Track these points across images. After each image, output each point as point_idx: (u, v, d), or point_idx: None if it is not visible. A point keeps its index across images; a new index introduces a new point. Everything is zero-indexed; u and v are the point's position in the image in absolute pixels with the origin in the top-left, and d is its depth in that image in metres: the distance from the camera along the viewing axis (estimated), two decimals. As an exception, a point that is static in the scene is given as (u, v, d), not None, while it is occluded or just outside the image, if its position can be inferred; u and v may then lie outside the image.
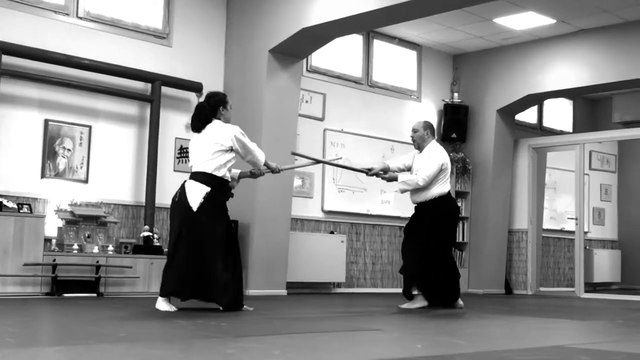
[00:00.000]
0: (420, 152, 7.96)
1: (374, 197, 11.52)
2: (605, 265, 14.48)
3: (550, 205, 14.04)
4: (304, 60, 10.59)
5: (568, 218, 13.12)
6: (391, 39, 11.99)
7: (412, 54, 12.37)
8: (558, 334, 5.67)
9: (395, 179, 7.91)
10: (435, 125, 12.41)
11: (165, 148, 9.64)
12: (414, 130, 8.00)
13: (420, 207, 7.87)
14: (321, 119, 11.05)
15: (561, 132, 14.22)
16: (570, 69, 11.61)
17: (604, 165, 15.09)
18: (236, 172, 6.87)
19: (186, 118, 9.80)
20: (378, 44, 11.87)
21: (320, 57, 11.08)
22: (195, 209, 6.42)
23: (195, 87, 9.83)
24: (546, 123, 14.22)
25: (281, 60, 9.78)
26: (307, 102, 10.85)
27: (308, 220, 10.84)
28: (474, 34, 11.73)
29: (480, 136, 12.38)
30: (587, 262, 12.77)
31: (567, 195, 13.51)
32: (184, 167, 9.74)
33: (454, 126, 12.37)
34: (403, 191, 7.89)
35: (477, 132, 12.45)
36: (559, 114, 14.52)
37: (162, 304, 6.43)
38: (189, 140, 9.71)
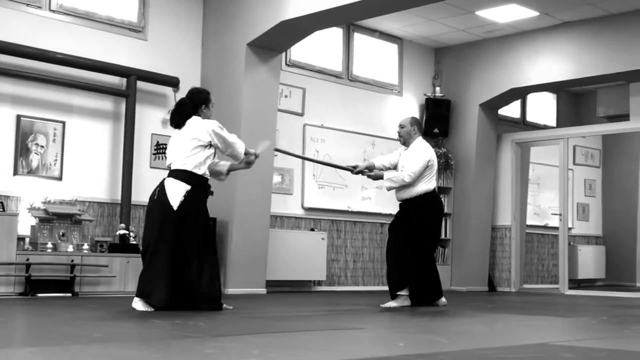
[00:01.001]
0: (407, 148, 7.98)
1: (354, 193, 11.54)
2: (590, 262, 14.56)
3: (533, 200, 14.11)
4: (283, 54, 10.58)
5: (552, 214, 13.19)
6: (372, 32, 12.00)
7: (393, 48, 12.38)
8: (542, 331, 5.70)
9: (380, 177, 7.91)
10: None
11: (141, 144, 9.61)
12: (401, 126, 8.01)
13: (405, 203, 7.87)
14: (301, 114, 11.04)
15: (545, 127, 14.29)
16: (554, 62, 11.66)
17: (588, 160, 15.18)
18: (225, 164, 6.86)
19: (162, 113, 9.81)
20: (358, 38, 11.88)
21: (300, 51, 11.08)
22: (175, 207, 6.40)
23: (172, 82, 9.80)
24: (529, 117, 14.28)
25: (260, 54, 9.77)
26: (286, 96, 10.84)
27: (288, 217, 10.84)
28: (456, 26, 11.76)
29: (463, 131, 12.42)
30: (571, 258, 12.84)
31: (551, 190, 13.58)
32: (161, 163, 9.71)
33: (436, 121, 12.40)
34: (389, 188, 7.89)
35: (460, 126, 12.48)
36: (543, 108, 14.59)
37: (138, 304, 6.41)
38: (166, 136, 9.78)
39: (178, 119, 6.64)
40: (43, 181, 8.92)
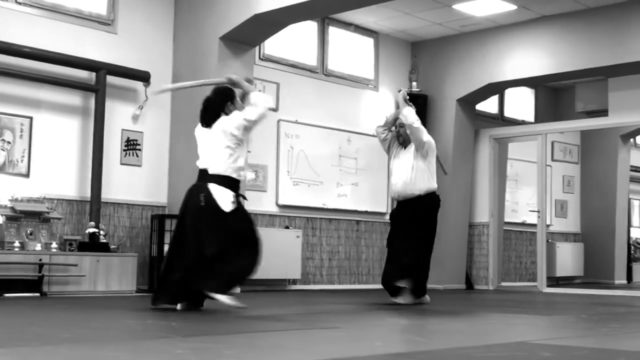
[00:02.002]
0: (405, 148, 8.12)
1: (330, 190, 11.53)
2: (568, 259, 14.66)
3: (511, 197, 14.18)
4: (257, 48, 10.56)
5: (530, 211, 13.26)
6: (347, 25, 12.00)
7: (369, 42, 12.39)
8: (520, 330, 5.73)
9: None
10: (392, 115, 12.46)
11: (111, 140, 9.55)
12: (401, 126, 8.11)
13: (412, 201, 8.00)
14: (275, 110, 11.02)
15: (523, 122, 14.35)
16: (532, 56, 11.72)
17: (566, 156, 15.27)
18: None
19: (133, 109, 9.76)
20: (333, 31, 11.88)
21: (274, 45, 11.05)
22: (228, 211, 6.44)
23: (143, 76, 9.75)
24: (507, 113, 14.35)
25: (232, 48, 9.74)
26: (260, 91, 10.79)
27: (262, 214, 10.82)
28: (433, 20, 11.78)
29: (440, 127, 12.44)
30: (549, 255, 12.93)
31: (529, 187, 13.66)
32: (131, 159, 9.68)
33: (413, 116, 12.41)
34: (409, 125, 7.92)
35: (437, 122, 12.51)
36: (521, 104, 14.66)
37: (227, 299, 6.38)
38: (137, 132, 9.74)
39: (208, 117, 6.68)
40: (10, 178, 8.84)
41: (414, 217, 7.93)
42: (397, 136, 8.17)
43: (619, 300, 9.86)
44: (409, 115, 7.91)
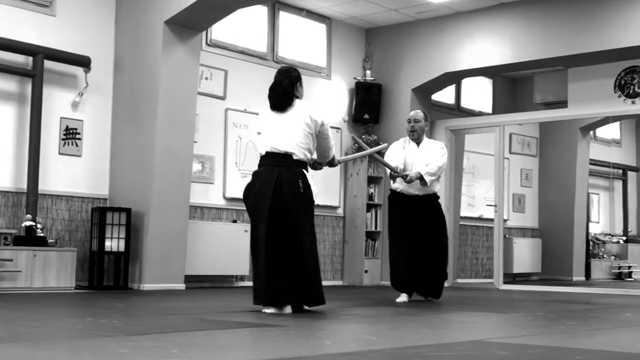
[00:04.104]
0: (418, 145, 8.36)
1: (280, 182, 11.53)
2: (526, 255, 14.83)
3: (468, 191, 14.31)
4: (204, 33, 10.54)
5: (487, 205, 13.39)
6: (299, 10, 12.02)
7: (322, 28, 12.42)
8: (476, 328, 5.80)
9: (417, 177, 8.16)
10: (345, 105, 12.52)
11: (49, 128, 9.47)
12: (416, 121, 8.33)
13: (422, 199, 8.33)
14: (222, 98, 11.01)
15: (480, 113, 14.49)
16: (490, 45, 11.83)
17: (524, 148, 15.44)
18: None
19: (72, 95, 9.69)
20: (284, 16, 11.89)
21: (222, 30, 11.03)
22: (315, 193, 6.57)
23: (83, 61, 9.68)
24: (464, 104, 14.47)
25: (178, 32, 9.71)
26: (207, 79, 10.80)
27: (208, 208, 10.81)
28: (388, 6, 11.83)
29: (395, 117, 12.51)
30: (506, 251, 13.06)
31: (486, 180, 13.80)
32: (71, 149, 9.61)
33: (366, 106, 12.47)
34: (431, 182, 8.22)
35: (391, 112, 12.58)
36: (478, 94, 14.79)
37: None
38: (77, 120, 9.66)
39: (283, 101, 6.57)
40: (-60, 168, 8.74)
41: (435, 221, 8.41)
42: (411, 131, 8.39)
43: (577, 297, 10.02)
44: (432, 176, 8.20)
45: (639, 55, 11.01)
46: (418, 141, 8.35)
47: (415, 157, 8.25)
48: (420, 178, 8.09)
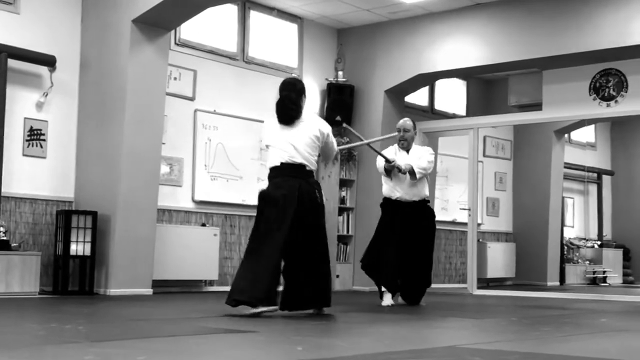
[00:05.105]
0: (407, 153, 8.72)
1: (250, 185, 11.51)
2: (499, 260, 14.89)
3: (441, 194, 14.35)
4: (172, 33, 10.49)
5: (460, 209, 13.43)
6: (269, 10, 12.00)
7: (293, 28, 12.41)
8: (449, 334, 5.81)
9: (410, 169, 8.55)
10: (317, 106, 12.51)
11: (13, 129, 9.39)
12: (405, 130, 8.70)
13: (413, 205, 8.65)
14: (191, 99, 10.97)
15: (454, 116, 14.54)
16: (464, 46, 11.86)
17: (499, 151, 15.51)
18: None
19: (37, 95, 9.62)
20: (255, 16, 11.86)
21: (191, 29, 10.99)
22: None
23: (48, 60, 9.62)
24: (438, 106, 14.51)
25: (146, 31, 9.66)
26: (175, 79, 10.75)
27: (177, 211, 10.76)
28: (360, 6, 11.84)
29: (367, 119, 12.52)
30: (480, 256, 13.11)
31: (460, 184, 13.84)
32: (35, 150, 9.54)
33: (339, 108, 12.45)
34: (420, 177, 8.62)
35: (364, 114, 12.58)
36: (452, 96, 14.84)
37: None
38: (41, 120, 9.58)
39: (292, 115, 6.95)
40: None
41: (425, 227, 8.71)
42: (402, 140, 8.75)
43: (551, 302, 10.07)
44: (422, 172, 8.60)
45: (615, 57, 11.09)
46: (407, 149, 8.74)
47: (406, 161, 8.60)
48: (411, 172, 8.43)
